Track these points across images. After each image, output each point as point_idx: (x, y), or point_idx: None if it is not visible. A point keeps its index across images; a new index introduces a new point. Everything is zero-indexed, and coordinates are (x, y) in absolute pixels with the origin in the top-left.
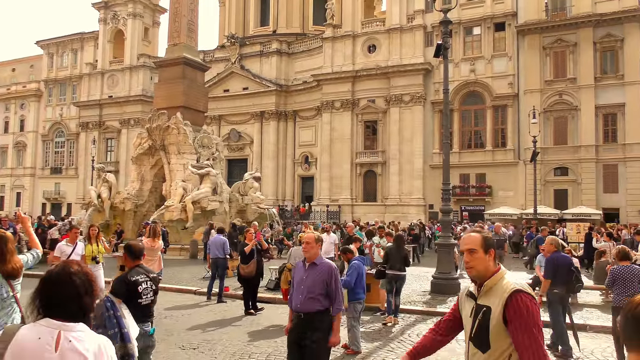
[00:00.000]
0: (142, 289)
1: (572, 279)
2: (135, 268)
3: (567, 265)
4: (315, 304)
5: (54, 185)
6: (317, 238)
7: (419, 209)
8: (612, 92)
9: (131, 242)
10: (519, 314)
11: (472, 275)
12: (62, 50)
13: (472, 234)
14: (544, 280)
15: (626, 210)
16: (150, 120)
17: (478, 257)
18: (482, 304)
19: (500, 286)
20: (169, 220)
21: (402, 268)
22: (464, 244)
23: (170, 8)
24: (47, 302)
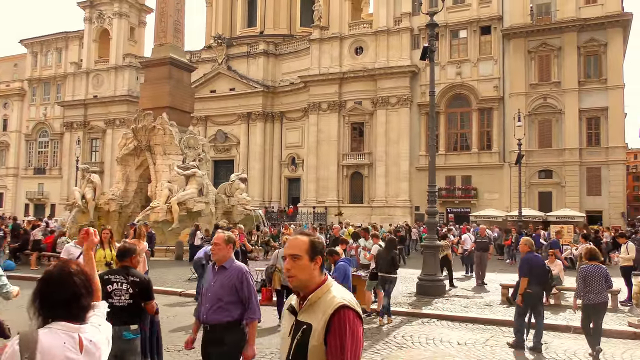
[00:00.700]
0: (113, 289)
1: (547, 278)
2: (121, 268)
3: (540, 265)
4: (224, 314)
5: (37, 185)
6: (228, 239)
7: (405, 211)
8: (596, 96)
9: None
10: (340, 333)
11: (294, 286)
12: (47, 49)
13: (299, 237)
14: (522, 279)
15: (609, 212)
16: (135, 120)
17: (302, 264)
18: (303, 320)
19: (325, 300)
20: (154, 222)
21: (391, 270)
22: (287, 247)
23: (157, 8)
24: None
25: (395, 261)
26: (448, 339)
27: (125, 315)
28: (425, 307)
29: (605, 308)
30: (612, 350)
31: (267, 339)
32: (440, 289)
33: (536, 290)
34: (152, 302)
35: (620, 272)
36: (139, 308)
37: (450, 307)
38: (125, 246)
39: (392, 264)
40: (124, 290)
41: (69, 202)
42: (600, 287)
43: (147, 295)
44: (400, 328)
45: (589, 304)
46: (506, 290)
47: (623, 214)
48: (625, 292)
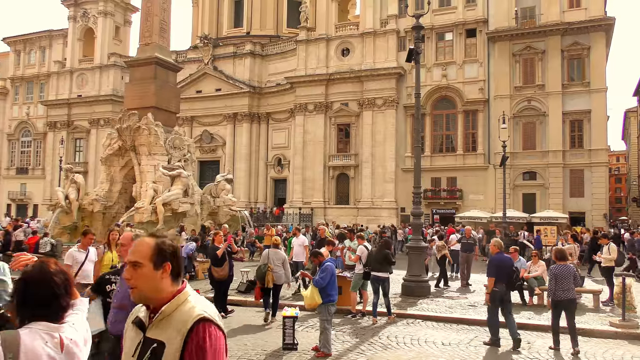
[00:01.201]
0: (111, 289)
1: (513, 278)
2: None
3: (508, 265)
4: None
5: (19, 185)
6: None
7: (391, 212)
8: (579, 99)
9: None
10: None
11: (136, 299)
12: (30, 47)
13: (144, 240)
14: (489, 279)
15: (592, 214)
16: (120, 120)
17: (143, 273)
18: (153, 337)
19: (182, 313)
20: (139, 222)
21: (386, 268)
22: (129, 253)
23: (142, 7)
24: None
25: (388, 259)
26: (433, 340)
27: None
28: (410, 308)
29: (574, 305)
30: (593, 349)
31: (252, 337)
32: (425, 289)
33: (504, 289)
34: None
35: (601, 272)
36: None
37: (435, 308)
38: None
39: (387, 261)
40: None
41: (52, 203)
42: (569, 285)
43: None
44: (385, 329)
45: (559, 300)
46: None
47: (605, 215)
48: (607, 293)
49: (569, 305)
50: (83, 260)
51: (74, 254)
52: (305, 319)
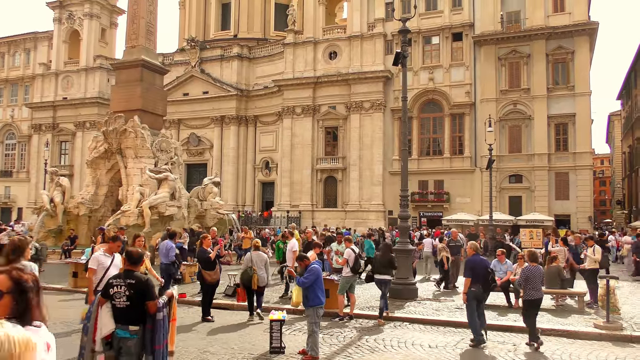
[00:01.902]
0: (114, 292)
1: (489, 279)
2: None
3: (483, 266)
4: None
5: (3, 189)
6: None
7: (379, 215)
8: (564, 103)
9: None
10: None
11: None
12: (14, 49)
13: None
14: (465, 280)
15: (576, 216)
16: (106, 123)
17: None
18: None
19: None
20: (125, 225)
21: (389, 271)
22: None
23: (129, 9)
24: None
25: (392, 264)
26: (420, 342)
27: (124, 316)
28: (397, 311)
29: (541, 303)
30: (578, 351)
31: (239, 341)
32: (412, 292)
33: (480, 290)
34: (152, 302)
35: (585, 275)
36: (138, 309)
37: (421, 311)
38: (137, 252)
39: (391, 264)
40: (122, 292)
41: (37, 206)
42: (539, 285)
43: (146, 295)
44: (372, 332)
45: (530, 300)
46: None
47: (590, 217)
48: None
49: (539, 304)
50: (108, 266)
51: (100, 258)
52: (292, 322)
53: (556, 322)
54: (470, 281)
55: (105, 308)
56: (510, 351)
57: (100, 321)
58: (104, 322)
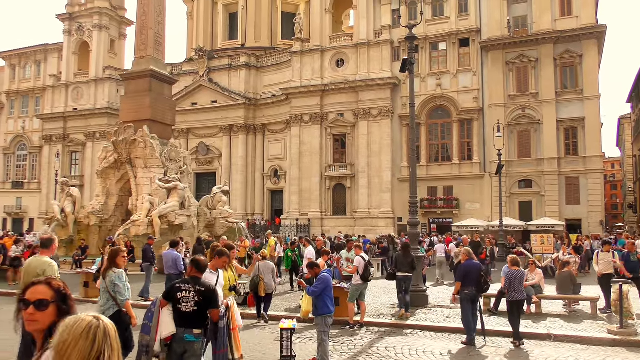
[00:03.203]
0: (181, 297)
1: (482, 281)
2: (190, 278)
3: (476, 270)
4: None
5: (15, 199)
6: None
7: (388, 222)
8: (573, 107)
9: (197, 257)
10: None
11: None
12: (25, 61)
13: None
14: (456, 283)
15: (588, 221)
16: (116, 133)
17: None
18: None
19: None
20: (135, 235)
21: (410, 270)
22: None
23: (137, 21)
24: None
25: (414, 263)
26: (431, 350)
27: (190, 320)
28: (408, 319)
29: (523, 304)
30: (591, 358)
31: (249, 350)
32: (423, 299)
33: (473, 292)
34: (216, 310)
35: (598, 280)
36: (203, 315)
37: (433, 318)
38: (204, 261)
39: (412, 265)
40: (190, 298)
41: (48, 217)
42: (521, 287)
43: (211, 303)
44: (384, 339)
45: (514, 301)
46: (488, 300)
47: (602, 222)
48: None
49: (522, 305)
50: (215, 282)
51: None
52: (302, 331)
53: (569, 328)
54: (461, 284)
55: (166, 310)
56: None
57: (161, 322)
58: (165, 324)
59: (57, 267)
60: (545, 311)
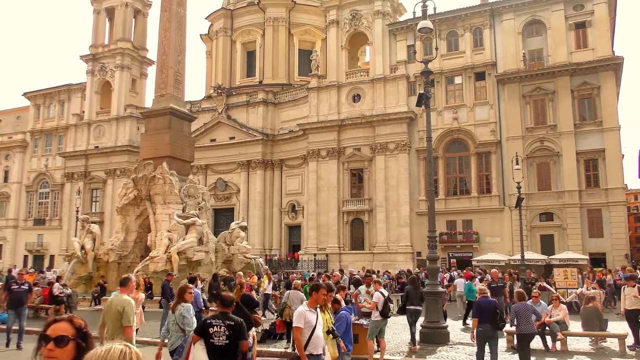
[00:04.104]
0: (213, 331)
1: (497, 318)
2: (220, 314)
3: (491, 307)
4: None
5: (36, 236)
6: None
7: (407, 257)
8: (592, 138)
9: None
10: None
11: None
12: (49, 101)
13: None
14: (473, 320)
15: (612, 254)
16: (136, 170)
17: None
18: None
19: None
20: (153, 272)
21: (420, 304)
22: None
23: (158, 60)
24: None
25: (423, 296)
26: None
27: (223, 353)
28: (429, 356)
29: (533, 337)
30: None
31: None
32: (444, 336)
33: (487, 329)
34: (245, 341)
35: (626, 316)
36: (235, 347)
37: (455, 356)
38: (230, 297)
39: (421, 298)
40: (222, 332)
41: (68, 253)
42: (528, 321)
43: (241, 335)
44: None
45: (522, 334)
46: (511, 337)
47: (627, 255)
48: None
49: (531, 337)
50: (314, 324)
51: (306, 314)
52: None
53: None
54: (477, 321)
55: (199, 345)
56: None
57: (194, 357)
58: (199, 357)
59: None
60: (571, 348)
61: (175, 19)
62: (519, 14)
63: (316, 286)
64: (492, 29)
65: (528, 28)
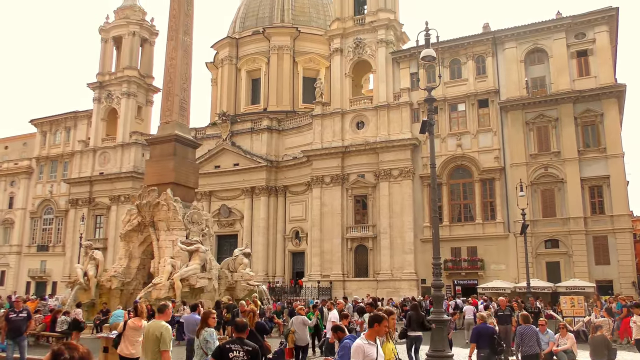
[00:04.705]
0: (232, 356)
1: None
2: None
3: (489, 333)
4: None
5: (39, 263)
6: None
7: (411, 284)
8: (596, 165)
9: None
10: None
11: None
12: (56, 128)
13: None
14: (471, 345)
15: (619, 282)
16: (140, 196)
17: None
18: None
19: None
20: (156, 299)
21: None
22: None
23: (164, 88)
24: None
25: (424, 323)
26: None
27: None
28: None
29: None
30: None
31: None
32: None
33: (487, 353)
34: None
35: (636, 345)
36: None
37: None
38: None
39: (422, 324)
40: (240, 357)
41: (71, 280)
42: (533, 342)
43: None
44: None
45: (526, 355)
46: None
47: (634, 283)
48: None
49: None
50: (375, 357)
51: (366, 349)
52: None
53: None
54: (475, 346)
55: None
56: None
57: None
58: None
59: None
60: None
61: (181, 48)
62: (521, 43)
63: (378, 317)
64: (494, 57)
65: (530, 56)
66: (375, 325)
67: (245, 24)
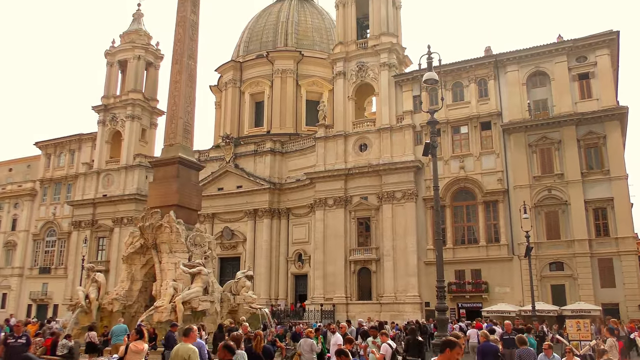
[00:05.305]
0: None
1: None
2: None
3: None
4: None
5: (41, 285)
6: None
7: (415, 307)
8: (600, 187)
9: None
10: None
11: None
12: (60, 150)
13: None
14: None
15: (625, 305)
16: (143, 218)
17: None
18: None
19: None
20: (157, 322)
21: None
22: None
23: (168, 110)
24: None
25: (421, 347)
26: None
27: None
28: None
29: None
30: None
31: None
32: None
33: None
34: None
35: None
36: None
37: None
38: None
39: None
40: None
41: (72, 303)
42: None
43: None
44: None
45: None
46: None
47: None
48: None
49: None
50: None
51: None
52: None
53: None
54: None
55: None
56: None
57: None
58: None
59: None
60: None
61: (185, 71)
62: (523, 66)
63: (450, 343)
64: (496, 80)
65: (532, 79)
66: (447, 351)
67: (249, 47)
